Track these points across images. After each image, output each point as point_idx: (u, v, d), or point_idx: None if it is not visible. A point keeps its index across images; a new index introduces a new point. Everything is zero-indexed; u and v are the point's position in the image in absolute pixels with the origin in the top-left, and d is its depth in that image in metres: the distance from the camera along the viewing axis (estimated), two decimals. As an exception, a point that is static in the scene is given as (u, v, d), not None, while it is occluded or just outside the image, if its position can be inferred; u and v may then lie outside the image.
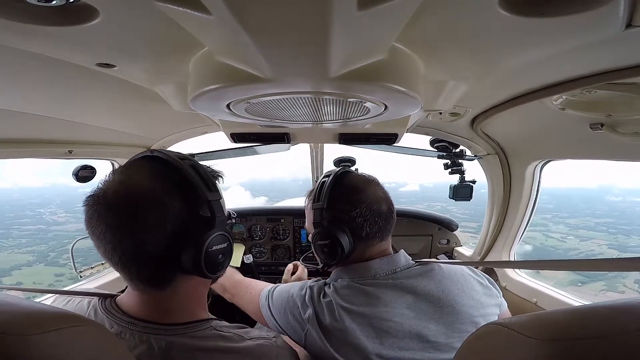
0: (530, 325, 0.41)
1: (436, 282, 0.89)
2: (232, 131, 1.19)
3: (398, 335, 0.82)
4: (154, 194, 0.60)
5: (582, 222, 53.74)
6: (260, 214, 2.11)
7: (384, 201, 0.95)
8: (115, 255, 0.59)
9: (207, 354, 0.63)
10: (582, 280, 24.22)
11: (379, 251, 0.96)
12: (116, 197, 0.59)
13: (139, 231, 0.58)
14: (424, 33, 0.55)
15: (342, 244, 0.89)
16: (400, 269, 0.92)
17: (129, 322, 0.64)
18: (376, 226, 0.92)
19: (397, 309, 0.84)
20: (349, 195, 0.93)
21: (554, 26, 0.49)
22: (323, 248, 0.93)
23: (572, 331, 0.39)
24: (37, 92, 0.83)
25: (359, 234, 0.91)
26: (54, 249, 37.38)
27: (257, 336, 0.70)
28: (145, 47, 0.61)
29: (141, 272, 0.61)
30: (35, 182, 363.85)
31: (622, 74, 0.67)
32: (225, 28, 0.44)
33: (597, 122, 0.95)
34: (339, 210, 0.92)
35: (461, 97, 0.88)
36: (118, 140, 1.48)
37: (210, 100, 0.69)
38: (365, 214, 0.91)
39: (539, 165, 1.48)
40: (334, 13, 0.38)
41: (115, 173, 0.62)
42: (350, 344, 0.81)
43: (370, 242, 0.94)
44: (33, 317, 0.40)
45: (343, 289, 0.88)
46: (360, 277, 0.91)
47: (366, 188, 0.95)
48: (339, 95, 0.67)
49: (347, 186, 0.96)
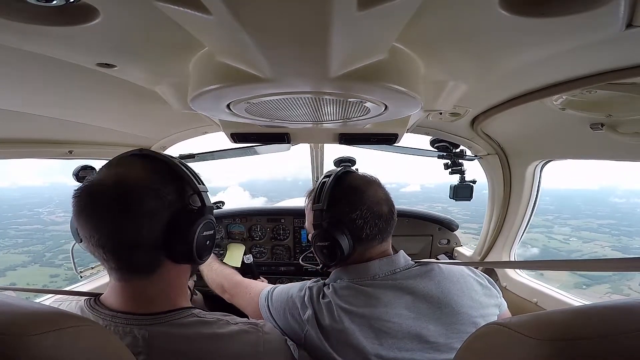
0: (530, 325, 0.41)
1: (436, 282, 0.89)
2: (232, 131, 1.19)
3: (397, 335, 0.82)
4: (152, 184, 0.65)
5: (584, 224, 53.37)
6: (261, 214, 2.11)
7: (385, 202, 0.95)
8: (110, 242, 0.62)
9: (188, 340, 0.65)
10: (586, 282, 23.89)
11: (378, 252, 0.96)
12: (115, 187, 0.62)
13: (138, 218, 0.62)
14: (424, 33, 0.55)
15: (341, 245, 0.88)
16: (400, 270, 0.92)
17: (112, 315, 0.65)
18: (376, 228, 0.92)
19: (396, 310, 0.84)
20: (350, 196, 0.93)
21: (554, 26, 0.49)
22: (322, 249, 0.93)
23: (573, 331, 0.39)
24: (37, 92, 0.83)
25: (358, 236, 0.91)
26: (50, 249, 36.78)
27: (242, 321, 0.72)
28: (146, 47, 0.61)
29: (133, 259, 0.64)
30: (35, 181, 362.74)
31: (622, 74, 0.67)
32: (225, 28, 0.44)
33: (597, 122, 0.95)
34: (339, 211, 0.92)
35: (461, 97, 0.88)
36: (118, 141, 1.48)
37: (211, 100, 0.69)
38: (365, 215, 0.90)
39: (539, 165, 1.48)
40: (334, 13, 0.38)
41: (109, 167, 0.66)
42: (350, 345, 0.81)
43: (370, 244, 0.94)
44: (33, 317, 0.40)
45: (342, 290, 0.88)
46: (359, 278, 0.91)
47: (367, 189, 0.94)
48: (339, 96, 0.67)
49: (347, 187, 0.95)
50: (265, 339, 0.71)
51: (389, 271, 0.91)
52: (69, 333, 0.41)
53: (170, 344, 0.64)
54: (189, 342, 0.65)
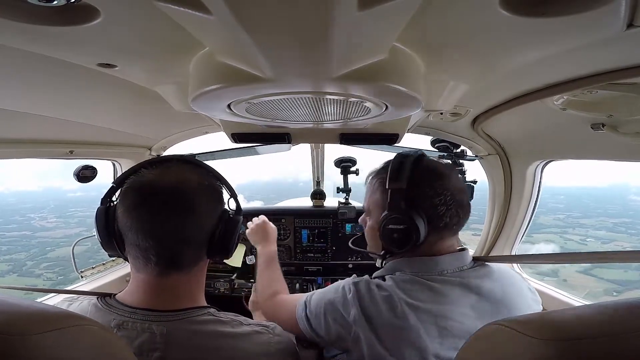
0: (533, 324, 0.41)
1: (499, 283, 0.86)
2: (233, 131, 1.19)
3: (458, 335, 0.78)
4: (210, 187, 0.74)
5: (598, 223, 51.66)
6: (261, 214, 2.10)
7: (465, 192, 0.88)
8: (165, 236, 0.66)
9: (205, 338, 0.67)
10: (617, 289, 22.43)
11: (448, 245, 0.90)
12: (180, 187, 0.68)
13: (197, 216, 0.69)
14: (425, 33, 0.55)
15: (419, 230, 0.81)
16: (466, 267, 0.88)
17: (130, 312, 0.67)
18: (456, 218, 0.85)
19: (461, 309, 0.80)
20: (433, 180, 0.85)
21: (554, 26, 0.49)
22: (394, 233, 0.83)
23: (576, 330, 0.38)
24: (37, 92, 0.83)
25: (436, 224, 0.84)
26: (33, 257, 34.29)
27: (254, 322, 0.74)
28: (146, 47, 0.61)
29: (181, 254, 0.69)
30: (31, 185, 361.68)
31: (623, 74, 0.67)
32: (226, 28, 0.44)
33: (598, 122, 0.95)
34: (419, 195, 0.83)
35: (462, 97, 0.88)
36: (119, 141, 1.49)
37: (211, 100, 0.70)
38: (449, 202, 0.83)
39: (540, 165, 1.48)
40: (335, 13, 0.38)
41: (164, 168, 0.71)
42: (411, 343, 0.76)
43: (445, 234, 0.87)
44: (33, 317, 0.40)
45: (406, 283, 0.82)
46: (425, 272, 0.84)
47: (451, 175, 0.87)
48: (339, 95, 0.67)
49: (431, 169, 0.87)
50: (276, 340, 0.73)
51: (457, 267, 0.86)
52: (70, 332, 0.41)
53: (188, 340, 0.66)
54: (206, 339, 0.67)
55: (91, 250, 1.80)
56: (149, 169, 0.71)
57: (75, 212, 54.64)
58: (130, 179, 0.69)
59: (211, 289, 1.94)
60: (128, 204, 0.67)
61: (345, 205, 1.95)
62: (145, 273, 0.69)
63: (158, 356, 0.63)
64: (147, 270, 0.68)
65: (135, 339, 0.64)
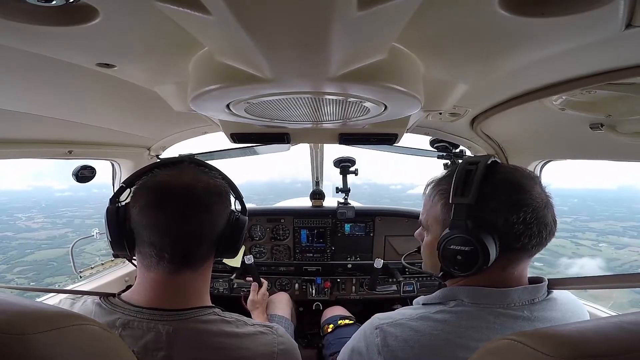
0: (545, 340, 0.38)
1: (561, 313, 0.75)
2: (232, 131, 1.19)
3: None
4: (224, 188, 0.78)
5: (607, 227, 49.08)
6: (260, 214, 2.10)
7: (549, 208, 0.73)
8: (182, 234, 0.68)
9: (211, 337, 0.68)
10: None
11: (519, 272, 0.75)
12: (196, 187, 0.71)
13: (213, 215, 0.73)
14: (424, 33, 0.55)
15: (488, 254, 0.68)
16: (538, 300, 0.75)
17: (136, 311, 0.67)
18: (537, 238, 0.70)
19: None
20: (509, 193, 0.70)
21: (554, 26, 0.49)
22: (456, 255, 0.71)
23: (593, 348, 0.36)
24: (37, 92, 0.83)
25: (511, 245, 0.70)
26: (9, 260, 32.33)
27: (258, 323, 0.76)
28: (145, 47, 0.61)
29: (195, 251, 0.71)
30: (20, 185, 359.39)
31: (622, 74, 0.67)
32: (225, 28, 0.44)
33: (597, 122, 0.95)
34: (492, 211, 0.70)
35: (461, 97, 0.88)
36: (118, 141, 1.48)
37: (210, 100, 0.70)
38: (529, 221, 0.69)
39: (539, 165, 1.48)
40: (334, 13, 0.38)
41: (177, 169, 0.74)
42: None
43: (519, 257, 0.73)
44: (33, 316, 0.40)
45: (461, 320, 0.72)
46: (489, 304, 0.72)
47: (532, 188, 0.71)
48: (339, 95, 0.67)
49: (505, 181, 0.73)
50: (279, 341, 0.74)
51: (527, 300, 0.73)
52: (70, 332, 0.41)
53: (194, 339, 0.66)
54: (212, 338, 0.68)
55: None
56: (162, 169, 0.73)
57: (65, 212, 53.01)
58: (143, 179, 0.71)
59: (211, 289, 1.94)
60: (144, 203, 0.68)
61: (345, 205, 1.95)
62: (156, 271, 0.70)
63: (163, 355, 0.63)
64: (159, 268, 0.69)
65: (140, 338, 0.64)
